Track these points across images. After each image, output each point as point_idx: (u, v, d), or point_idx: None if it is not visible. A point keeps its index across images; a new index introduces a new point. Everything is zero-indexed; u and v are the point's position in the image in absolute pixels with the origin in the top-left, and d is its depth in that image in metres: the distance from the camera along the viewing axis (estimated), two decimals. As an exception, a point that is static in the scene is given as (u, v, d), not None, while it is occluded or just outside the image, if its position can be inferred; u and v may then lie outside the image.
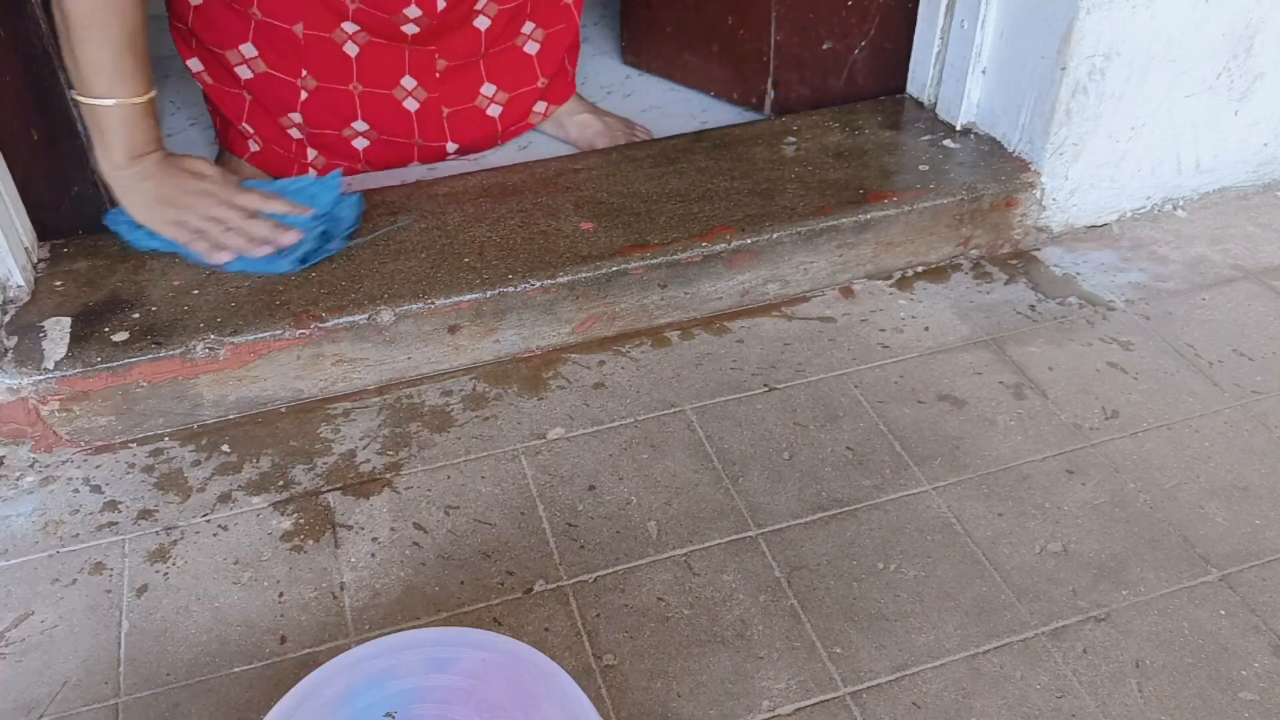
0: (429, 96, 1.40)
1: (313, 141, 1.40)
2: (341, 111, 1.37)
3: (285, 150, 1.40)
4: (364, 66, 1.35)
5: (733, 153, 1.32)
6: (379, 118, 1.39)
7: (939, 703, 0.83)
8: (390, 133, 1.41)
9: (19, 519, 0.99)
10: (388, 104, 1.39)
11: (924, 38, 1.36)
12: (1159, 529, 0.97)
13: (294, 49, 1.31)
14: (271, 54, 1.31)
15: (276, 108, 1.36)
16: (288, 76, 1.33)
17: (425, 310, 1.10)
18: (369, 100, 1.37)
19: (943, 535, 0.96)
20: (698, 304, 1.20)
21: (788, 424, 1.08)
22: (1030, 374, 1.13)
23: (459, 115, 1.44)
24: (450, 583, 0.93)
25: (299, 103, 1.35)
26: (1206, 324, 1.20)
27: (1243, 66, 1.28)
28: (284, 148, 1.40)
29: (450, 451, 1.05)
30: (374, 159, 1.43)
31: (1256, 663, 0.86)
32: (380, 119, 1.40)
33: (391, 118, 1.40)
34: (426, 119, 1.42)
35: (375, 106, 1.38)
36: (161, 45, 1.76)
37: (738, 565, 0.94)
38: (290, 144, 1.40)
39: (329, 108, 1.37)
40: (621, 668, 0.86)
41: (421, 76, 1.39)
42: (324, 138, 1.39)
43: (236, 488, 1.02)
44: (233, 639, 0.88)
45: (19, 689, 0.85)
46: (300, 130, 1.38)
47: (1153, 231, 1.34)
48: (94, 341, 1.04)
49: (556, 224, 1.20)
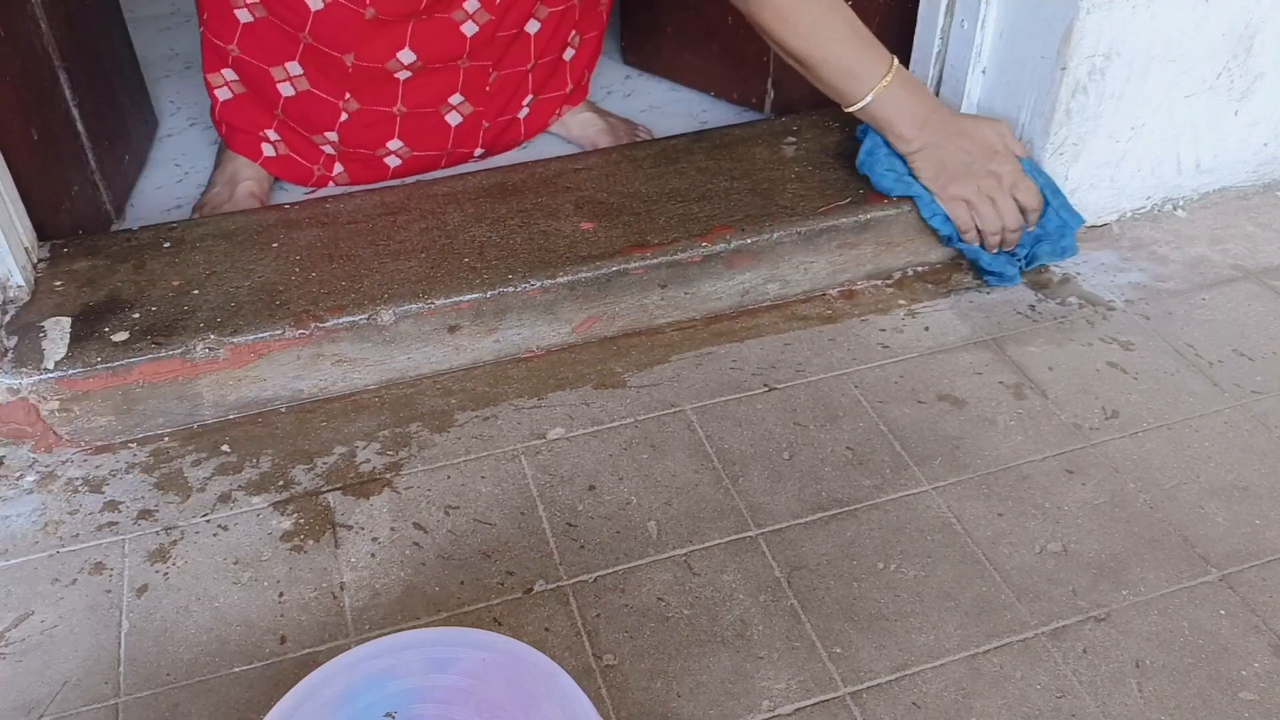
0: (474, 110, 1.39)
1: (344, 158, 1.39)
2: (379, 132, 1.36)
3: (310, 160, 1.39)
4: (411, 90, 1.33)
5: (733, 153, 1.32)
6: (416, 136, 1.38)
7: (939, 703, 0.83)
8: (425, 148, 1.40)
9: (19, 519, 0.99)
10: (429, 121, 1.37)
11: (924, 38, 1.36)
12: (1159, 529, 0.97)
13: (342, 75, 1.30)
14: (318, 76, 1.30)
15: (312, 126, 1.35)
16: (331, 98, 1.32)
17: (425, 310, 1.10)
18: (410, 120, 1.36)
19: (943, 535, 0.96)
20: (698, 304, 1.20)
21: (788, 424, 1.08)
22: (1030, 374, 1.13)
23: (495, 125, 1.43)
24: (450, 583, 0.93)
25: (337, 123, 1.34)
26: (1206, 324, 1.20)
27: (1243, 66, 1.28)
28: (309, 159, 1.39)
29: (450, 451, 1.05)
30: (400, 174, 1.42)
31: (1256, 663, 0.86)
32: (417, 137, 1.38)
33: (429, 134, 1.39)
34: (465, 131, 1.41)
35: (415, 125, 1.37)
36: (161, 45, 1.76)
37: (738, 565, 0.94)
38: (319, 157, 1.39)
39: (368, 129, 1.35)
40: (621, 668, 0.86)
41: (471, 93, 1.37)
42: (357, 156, 1.39)
43: (236, 488, 1.02)
44: (233, 639, 0.88)
45: (19, 689, 0.85)
46: (334, 147, 1.38)
47: (1153, 231, 1.34)
48: (94, 341, 1.04)
49: (556, 224, 1.20)
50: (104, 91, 1.33)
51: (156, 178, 1.46)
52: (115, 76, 1.39)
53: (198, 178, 1.45)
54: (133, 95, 1.46)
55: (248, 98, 1.36)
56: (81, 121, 1.22)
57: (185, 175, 1.46)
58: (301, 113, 1.34)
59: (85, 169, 1.20)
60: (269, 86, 1.32)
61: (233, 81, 1.35)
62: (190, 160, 1.50)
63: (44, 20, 1.12)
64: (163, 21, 1.81)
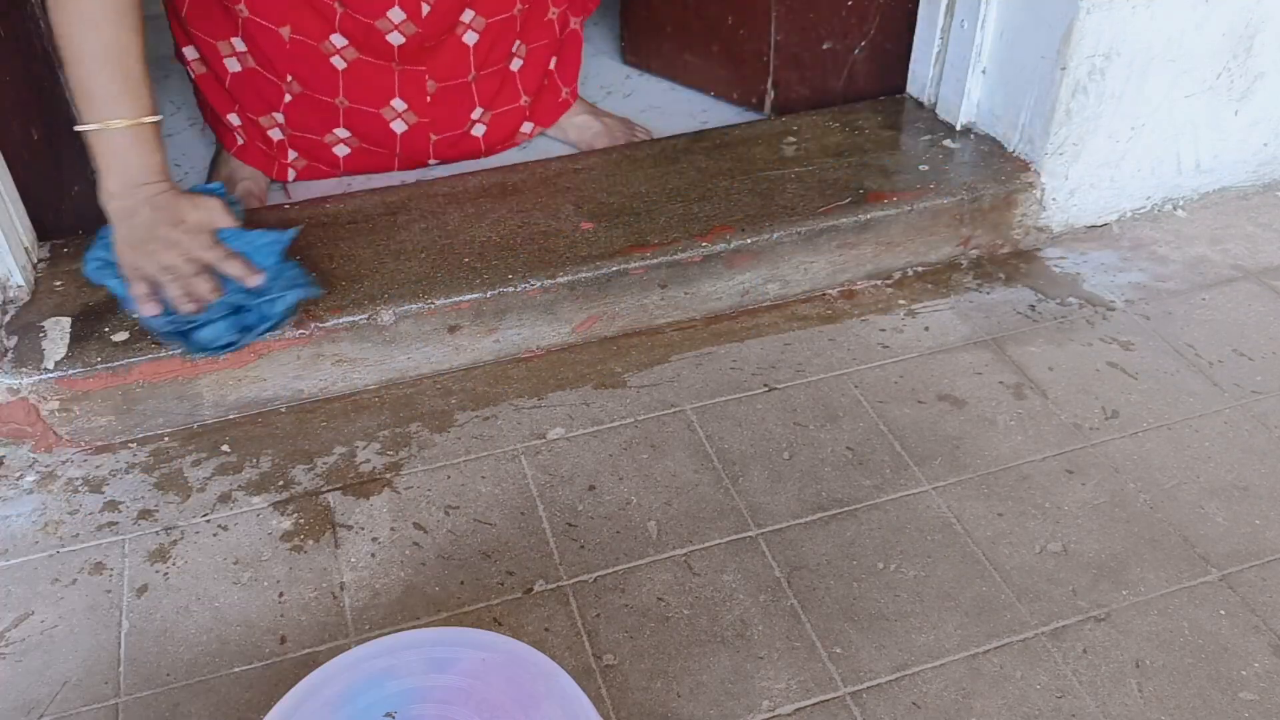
0: (419, 121, 1.39)
1: (293, 143, 1.39)
2: (325, 119, 1.36)
3: (267, 147, 1.39)
4: (351, 82, 1.33)
5: (733, 153, 1.32)
6: (363, 130, 1.38)
7: (939, 703, 0.83)
8: (374, 143, 1.40)
9: (19, 519, 0.99)
10: (374, 122, 1.38)
11: (924, 38, 1.36)
12: (1159, 529, 0.97)
13: (280, 52, 1.30)
14: (258, 53, 1.31)
15: (260, 105, 1.36)
16: (273, 77, 1.33)
17: (425, 310, 1.10)
18: (354, 115, 1.36)
19: (943, 535, 0.96)
20: (698, 304, 1.20)
21: (788, 424, 1.08)
22: (1030, 374, 1.13)
23: (446, 140, 1.43)
24: (450, 583, 0.93)
25: (282, 103, 1.35)
26: (1206, 324, 1.20)
27: (1243, 66, 1.28)
28: (265, 145, 1.39)
29: (450, 451, 1.05)
30: (354, 167, 1.42)
31: (1256, 663, 0.86)
32: (364, 131, 1.39)
33: (375, 132, 1.39)
34: (412, 141, 1.41)
35: (360, 121, 1.37)
36: (161, 46, 1.76)
37: (738, 565, 0.94)
38: (271, 143, 1.39)
39: (312, 113, 1.36)
40: (621, 668, 0.86)
41: (412, 100, 1.37)
42: (305, 141, 1.39)
43: (236, 488, 1.02)
44: (233, 639, 0.88)
45: (19, 689, 0.85)
46: (281, 130, 1.38)
47: (1153, 231, 1.34)
48: (94, 341, 1.04)
49: (556, 224, 1.19)
50: (104, 91, 1.33)
51: (156, 178, 1.46)
52: (115, 76, 1.39)
53: (197, 178, 1.45)
54: (133, 95, 1.46)
55: (209, 77, 1.37)
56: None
57: (185, 175, 1.46)
58: (248, 90, 1.35)
59: (85, 169, 1.19)
60: (217, 63, 1.33)
61: (194, 60, 1.36)
62: (190, 160, 1.49)
63: (44, 20, 1.12)
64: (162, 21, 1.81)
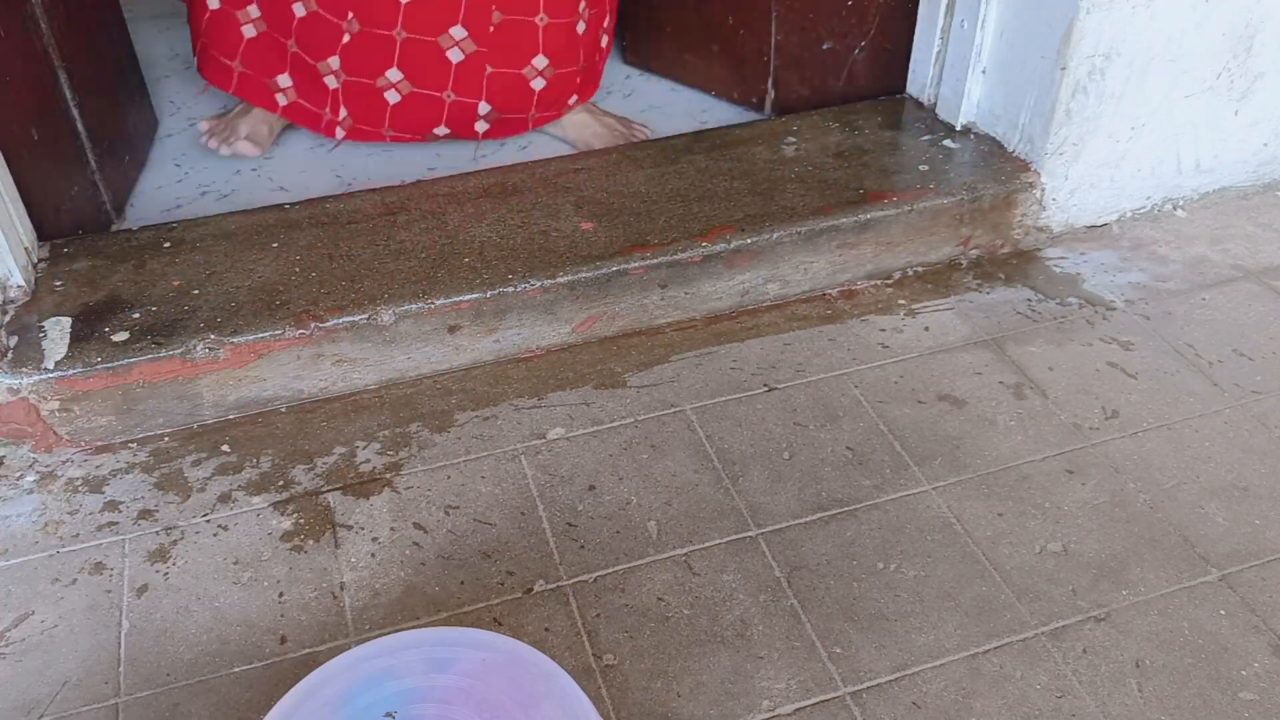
0: (477, 50, 1.39)
1: (346, 94, 1.41)
2: (379, 59, 1.38)
3: (318, 105, 1.42)
4: (412, 12, 1.35)
5: (733, 153, 1.32)
6: (416, 68, 1.39)
7: (939, 703, 0.83)
8: (424, 84, 1.40)
9: (19, 519, 0.99)
10: (429, 52, 1.38)
11: (924, 38, 1.36)
12: (1159, 529, 0.97)
13: None
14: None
15: (318, 50, 1.38)
16: (334, 18, 1.35)
17: (425, 310, 1.10)
18: (410, 48, 1.37)
19: (943, 535, 0.96)
20: (698, 304, 1.20)
21: (788, 424, 1.08)
22: (1030, 374, 1.13)
23: (501, 78, 1.42)
24: (450, 583, 0.93)
25: (339, 46, 1.36)
26: (1206, 324, 1.20)
27: (1243, 66, 1.28)
28: (317, 102, 1.41)
29: (450, 451, 1.05)
30: (401, 118, 1.43)
31: (1256, 663, 0.86)
32: (417, 70, 1.39)
33: (429, 68, 1.39)
34: (467, 73, 1.40)
35: (415, 55, 1.38)
36: (161, 45, 1.76)
37: (738, 565, 0.94)
38: (325, 96, 1.41)
39: (368, 52, 1.37)
40: (621, 668, 0.86)
41: (474, 27, 1.37)
42: (358, 87, 1.40)
43: (236, 488, 1.02)
44: (233, 639, 0.88)
45: (19, 689, 0.85)
46: (336, 78, 1.39)
47: (1153, 231, 1.34)
48: (94, 341, 1.04)
49: (556, 224, 1.20)
50: (104, 91, 1.33)
51: (156, 178, 1.46)
52: (115, 76, 1.39)
53: (198, 178, 1.45)
54: (133, 95, 1.46)
55: (267, 37, 1.39)
56: (81, 121, 1.22)
57: (185, 175, 1.46)
58: (310, 35, 1.37)
59: (85, 169, 1.20)
60: (285, 8, 1.36)
61: (256, 19, 1.39)
62: (190, 160, 1.49)
63: (44, 20, 1.12)
64: (163, 21, 1.81)
